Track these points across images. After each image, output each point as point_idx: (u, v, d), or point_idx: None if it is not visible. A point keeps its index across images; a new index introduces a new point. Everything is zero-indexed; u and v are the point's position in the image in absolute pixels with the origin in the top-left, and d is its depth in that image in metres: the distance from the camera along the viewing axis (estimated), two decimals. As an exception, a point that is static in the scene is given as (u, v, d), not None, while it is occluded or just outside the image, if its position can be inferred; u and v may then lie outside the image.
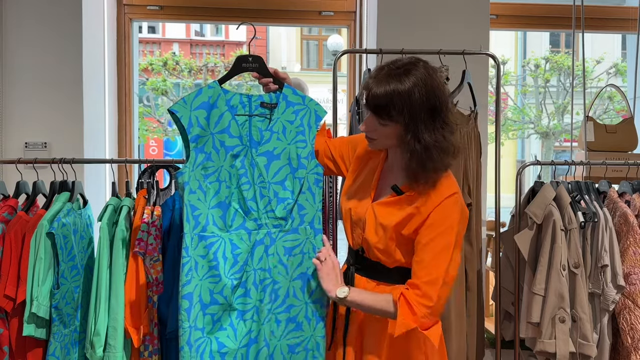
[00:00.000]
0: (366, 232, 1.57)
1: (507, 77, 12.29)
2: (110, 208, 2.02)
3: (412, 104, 1.43)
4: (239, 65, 1.73)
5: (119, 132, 3.28)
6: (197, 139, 1.62)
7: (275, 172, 1.68)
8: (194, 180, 1.61)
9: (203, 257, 1.61)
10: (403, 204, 1.53)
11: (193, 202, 1.61)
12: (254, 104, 1.71)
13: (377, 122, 1.49)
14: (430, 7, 3.01)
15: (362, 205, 1.60)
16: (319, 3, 3.34)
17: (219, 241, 1.63)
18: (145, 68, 11.09)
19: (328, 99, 2.66)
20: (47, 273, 1.93)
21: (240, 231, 1.65)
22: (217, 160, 1.64)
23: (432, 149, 1.45)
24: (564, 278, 2.15)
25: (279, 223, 1.68)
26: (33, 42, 2.89)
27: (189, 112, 1.61)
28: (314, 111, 1.74)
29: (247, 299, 1.65)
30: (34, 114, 2.89)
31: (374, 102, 1.46)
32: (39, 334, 1.95)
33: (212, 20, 3.60)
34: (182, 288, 1.59)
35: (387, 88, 1.43)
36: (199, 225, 1.61)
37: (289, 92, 1.73)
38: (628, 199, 2.36)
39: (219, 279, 1.61)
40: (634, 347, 2.17)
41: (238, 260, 1.64)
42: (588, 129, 2.95)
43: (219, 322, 1.63)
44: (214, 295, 1.62)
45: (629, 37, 3.85)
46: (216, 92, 1.65)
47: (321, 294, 1.69)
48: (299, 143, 1.71)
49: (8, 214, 2.05)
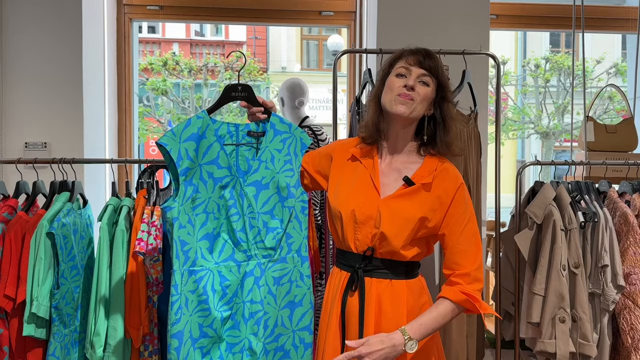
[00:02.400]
0: (383, 226, 1.55)
1: (507, 77, 12.29)
2: (110, 208, 2.02)
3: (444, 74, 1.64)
4: (228, 95, 1.71)
5: (119, 132, 3.28)
6: (187, 171, 1.59)
7: (264, 201, 1.67)
8: (183, 214, 1.57)
9: (192, 292, 1.58)
10: (419, 194, 1.58)
11: (183, 237, 1.57)
12: (241, 133, 1.69)
13: (421, 80, 1.59)
14: (430, 7, 3.00)
15: (370, 203, 1.59)
16: (319, 3, 3.34)
17: (207, 274, 1.60)
18: (145, 68, 11.10)
19: (328, 99, 2.66)
20: (47, 273, 1.93)
21: (229, 262, 1.63)
22: (204, 191, 1.61)
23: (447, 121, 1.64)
24: (564, 278, 2.15)
25: (268, 253, 1.67)
26: (33, 42, 2.89)
27: (178, 144, 1.57)
28: (300, 139, 1.74)
29: (236, 331, 1.63)
30: (34, 114, 2.89)
31: (432, 62, 1.60)
32: (39, 334, 1.95)
33: (212, 20, 3.60)
34: (172, 327, 1.55)
35: (436, 57, 1.63)
36: (188, 260, 1.58)
37: (277, 121, 1.72)
38: (628, 199, 2.36)
39: (208, 312, 1.59)
40: (634, 347, 2.17)
41: (227, 292, 1.62)
42: (588, 129, 2.95)
43: (208, 354, 1.61)
44: (203, 329, 1.59)
45: (629, 37, 3.85)
46: (205, 123, 1.62)
47: (309, 321, 1.71)
48: (286, 172, 1.70)
49: (8, 214, 2.06)
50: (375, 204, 1.58)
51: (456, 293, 1.54)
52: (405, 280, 1.61)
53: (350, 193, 1.63)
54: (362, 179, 1.63)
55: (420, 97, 1.58)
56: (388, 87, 1.61)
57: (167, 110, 11.41)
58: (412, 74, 1.59)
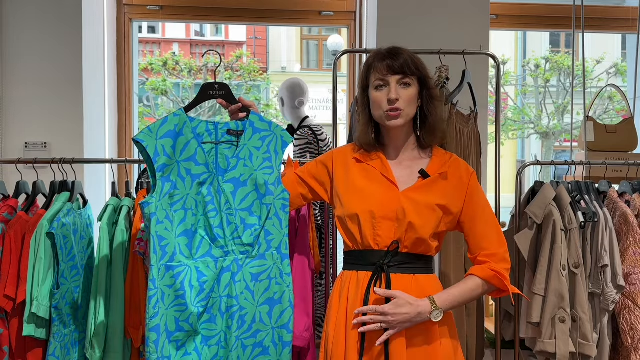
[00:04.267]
0: (409, 217, 1.57)
1: (507, 77, 12.30)
2: (110, 208, 2.02)
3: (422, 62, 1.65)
4: (205, 93, 1.71)
5: (119, 132, 3.28)
6: (164, 168, 1.60)
7: (242, 198, 1.68)
8: (160, 210, 1.59)
9: (170, 286, 1.59)
10: (438, 184, 1.62)
11: (160, 232, 1.58)
12: (220, 132, 1.70)
13: (400, 85, 1.60)
14: (430, 7, 3.01)
15: (389, 198, 1.60)
16: (319, 3, 3.34)
17: (185, 270, 1.61)
18: (145, 68, 11.10)
19: (328, 99, 2.67)
20: (47, 273, 1.93)
21: (206, 259, 1.64)
22: (182, 188, 1.62)
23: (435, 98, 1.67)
24: (564, 278, 2.15)
25: (245, 249, 1.67)
26: (33, 42, 2.89)
27: (155, 141, 1.59)
28: (280, 137, 1.74)
29: (212, 324, 1.64)
30: (34, 114, 2.89)
31: (400, 62, 1.60)
32: (39, 334, 1.95)
33: (212, 20, 3.60)
34: (150, 320, 1.56)
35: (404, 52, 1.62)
36: (166, 256, 1.59)
37: (256, 119, 1.72)
38: (628, 199, 2.36)
39: (185, 307, 1.60)
40: (634, 347, 2.17)
41: (204, 288, 1.63)
42: (588, 129, 2.95)
43: (183, 347, 1.62)
44: (179, 323, 1.61)
45: (629, 37, 3.85)
46: (182, 120, 1.63)
47: (287, 319, 1.70)
48: (265, 170, 1.70)
49: (8, 214, 2.06)
50: (396, 198, 1.59)
51: (484, 270, 1.59)
52: (426, 275, 1.63)
53: (364, 192, 1.63)
54: (374, 178, 1.64)
55: (406, 102, 1.61)
56: (374, 102, 1.63)
57: (167, 110, 11.41)
58: (390, 84, 1.60)
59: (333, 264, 2.54)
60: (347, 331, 1.61)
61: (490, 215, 1.65)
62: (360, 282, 1.61)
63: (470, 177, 1.66)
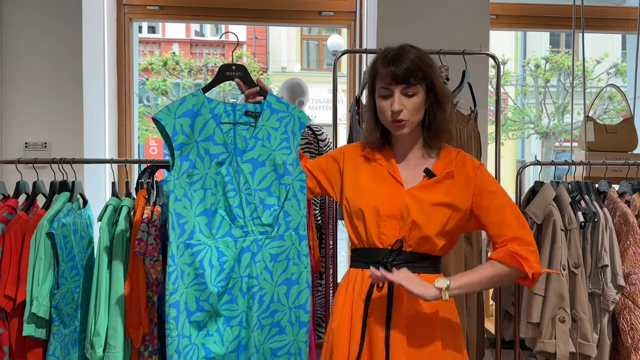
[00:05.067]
0: (413, 215, 1.56)
1: (507, 77, 12.30)
2: (110, 208, 2.02)
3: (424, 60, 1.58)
4: (223, 74, 1.73)
5: (119, 132, 3.28)
6: (182, 146, 1.61)
7: (261, 179, 1.68)
8: (179, 188, 1.60)
9: (189, 264, 1.60)
10: (444, 183, 1.59)
11: (179, 210, 1.59)
12: (238, 113, 1.70)
13: (405, 95, 1.56)
14: (430, 7, 3.00)
15: (394, 196, 1.60)
16: (319, 3, 3.34)
17: (205, 249, 1.62)
18: (145, 68, 11.11)
19: (328, 99, 2.67)
20: (47, 273, 1.93)
21: (226, 238, 1.64)
22: (201, 168, 1.63)
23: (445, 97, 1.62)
24: (564, 278, 2.15)
25: (265, 230, 1.68)
26: (33, 42, 2.89)
27: (174, 120, 1.60)
28: (298, 118, 1.75)
29: (233, 305, 1.65)
30: (34, 114, 2.89)
31: (402, 69, 1.54)
32: (39, 334, 1.95)
33: (212, 20, 3.60)
34: (170, 297, 1.57)
35: (409, 57, 1.56)
36: (185, 233, 1.60)
37: (273, 100, 1.73)
38: (628, 199, 2.36)
39: (205, 286, 1.61)
40: (634, 347, 2.17)
41: (224, 267, 1.63)
42: (588, 129, 2.95)
43: (205, 328, 1.63)
44: (200, 303, 1.61)
45: (629, 37, 3.85)
46: (200, 100, 1.64)
47: (305, 300, 1.70)
48: (283, 150, 1.71)
49: (8, 214, 2.05)
50: (400, 196, 1.59)
51: (501, 251, 1.54)
52: (432, 274, 1.59)
53: (371, 190, 1.63)
54: (381, 176, 1.64)
55: (411, 112, 1.58)
56: (379, 110, 1.62)
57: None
58: (394, 94, 1.57)
59: (333, 264, 2.54)
60: (352, 328, 1.61)
61: (506, 201, 1.60)
62: (365, 280, 1.61)
63: (477, 170, 1.62)
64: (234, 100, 11.98)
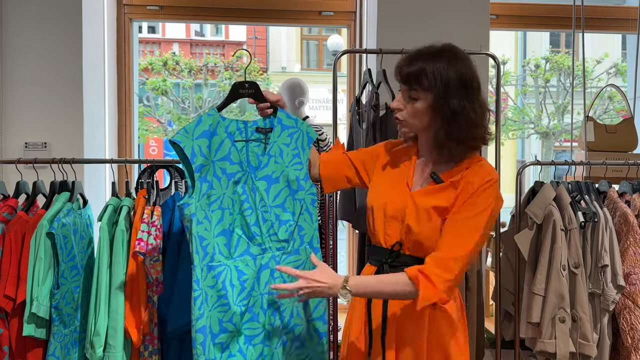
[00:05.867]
0: (408, 219, 1.54)
1: (507, 77, 12.30)
2: (110, 208, 2.02)
3: (444, 73, 1.48)
4: (236, 92, 1.73)
5: (119, 132, 3.29)
6: (201, 168, 1.61)
7: (275, 195, 1.70)
8: (200, 210, 1.59)
9: (212, 287, 1.60)
10: (447, 192, 1.53)
11: (201, 232, 1.59)
12: (249, 130, 1.72)
13: (407, 96, 1.53)
14: (430, 7, 3.00)
15: (400, 197, 1.59)
16: (319, 3, 3.34)
17: (225, 269, 1.62)
18: (145, 68, 11.10)
19: (328, 99, 2.66)
20: (47, 273, 1.93)
21: (245, 257, 1.65)
22: (219, 188, 1.64)
23: (460, 116, 1.49)
24: (564, 278, 2.15)
25: (282, 246, 1.70)
26: (33, 42, 2.89)
27: (191, 141, 1.60)
28: (306, 133, 1.77)
29: (255, 323, 1.65)
30: (34, 114, 2.89)
31: (406, 70, 1.50)
32: (39, 334, 1.95)
33: (212, 20, 3.61)
34: (196, 322, 1.57)
35: (420, 61, 1.50)
36: (207, 256, 1.60)
37: (283, 116, 1.75)
38: (628, 199, 2.36)
39: (228, 307, 1.61)
40: (634, 347, 2.17)
41: (245, 286, 1.64)
42: (588, 129, 2.95)
43: (227, 349, 1.63)
44: (223, 324, 1.62)
45: (629, 37, 3.85)
46: (215, 120, 1.65)
47: (322, 312, 1.74)
48: (295, 165, 1.73)
49: (8, 214, 2.06)
50: (404, 199, 1.58)
51: (414, 269, 1.46)
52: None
53: (385, 188, 1.64)
54: (399, 176, 1.64)
55: (410, 114, 1.54)
56: None
57: (167, 110, 11.41)
58: (400, 94, 1.55)
59: (333, 264, 2.54)
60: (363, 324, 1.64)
61: (472, 224, 1.48)
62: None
63: (483, 183, 1.51)
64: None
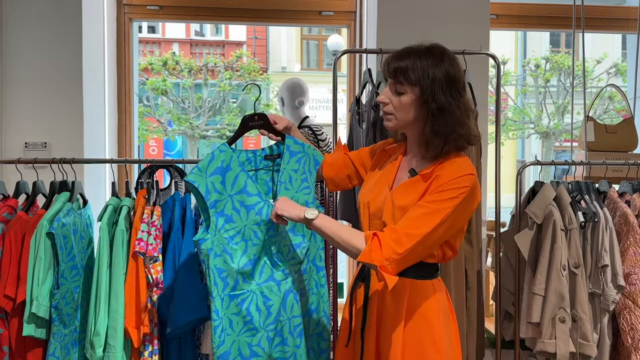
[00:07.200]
0: (384, 217, 1.54)
1: (507, 77, 12.31)
2: (110, 208, 2.02)
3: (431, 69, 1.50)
4: (246, 125, 1.77)
5: (119, 132, 3.28)
6: (216, 203, 1.65)
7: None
8: (217, 244, 1.64)
9: (237, 314, 1.65)
10: (419, 183, 1.52)
11: (219, 265, 1.64)
12: (258, 158, 1.77)
13: (394, 90, 1.54)
14: (430, 7, 3.00)
15: (381, 195, 1.60)
16: (319, 3, 3.34)
17: (250, 295, 1.67)
18: (145, 68, 11.10)
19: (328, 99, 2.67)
20: (47, 273, 1.93)
21: (269, 283, 1.70)
22: (239, 220, 1.67)
23: (446, 111, 1.50)
24: (564, 278, 2.15)
25: (298, 268, 1.75)
26: (33, 42, 2.89)
27: (205, 179, 1.64)
28: (313, 156, 1.81)
29: (285, 347, 1.71)
30: (34, 114, 2.89)
31: (394, 65, 1.52)
32: (39, 334, 1.95)
33: (212, 20, 3.60)
34: (217, 349, 1.63)
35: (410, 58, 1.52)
36: (228, 286, 1.65)
37: (291, 143, 1.78)
38: (628, 199, 2.36)
39: (255, 331, 1.66)
40: (634, 347, 2.17)
41: (271, 311, 1.68)
42: (588, 129, 2.95)
43: None
44: (253, 348, 1.66)
45: (629, 37, 3.85)
46: (228, 155, 1.68)
47: (322, 328, 1.80)
48: (304, 190, 1.78)
49: (8, 214, 2.05)
50: (384, 196, 1.59)
51: (372, 232, 1.47)
52: (411, 279, 1.54)
53: (370, 187, 1.66)
54: (384, 174, 1.66)
55: (396, 108, 1.55)
56: None
57: (167, 110, 11.42)
58: (386, 87, 1.57)
59: (333, 264, 2.54)
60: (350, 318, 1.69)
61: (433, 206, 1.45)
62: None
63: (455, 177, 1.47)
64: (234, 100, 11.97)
